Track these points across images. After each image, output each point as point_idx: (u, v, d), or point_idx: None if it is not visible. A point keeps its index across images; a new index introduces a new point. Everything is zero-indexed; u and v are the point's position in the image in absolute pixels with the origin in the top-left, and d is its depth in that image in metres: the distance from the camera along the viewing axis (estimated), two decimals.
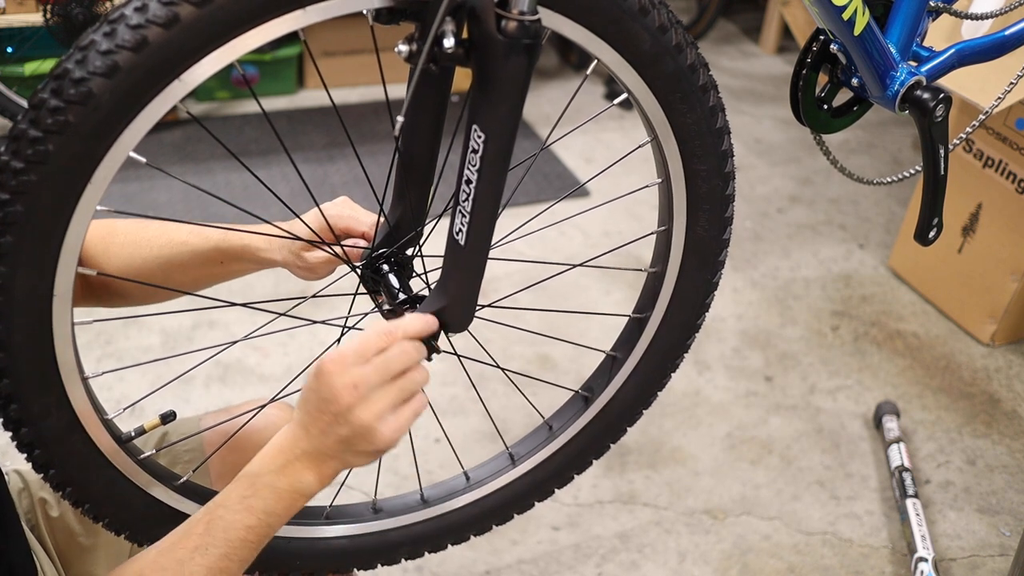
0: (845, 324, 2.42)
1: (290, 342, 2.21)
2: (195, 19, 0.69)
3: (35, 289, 0.75)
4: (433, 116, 0.89)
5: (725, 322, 2.39)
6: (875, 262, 2.66)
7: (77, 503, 0.90)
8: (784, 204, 2.93)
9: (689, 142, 0.94)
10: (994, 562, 1.81)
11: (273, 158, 2.91)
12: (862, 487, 1.96)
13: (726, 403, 2.15)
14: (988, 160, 2.26)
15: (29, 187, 0.71)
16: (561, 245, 2.62)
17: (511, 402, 2.03)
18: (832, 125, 1.30)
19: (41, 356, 0.79)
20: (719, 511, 1.89)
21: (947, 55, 1.25)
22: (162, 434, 1.16)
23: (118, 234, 1.05)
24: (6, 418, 0.81)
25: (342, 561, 1.08)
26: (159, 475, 0.95)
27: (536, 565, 1.76)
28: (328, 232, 1.03)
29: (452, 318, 0.91)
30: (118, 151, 0.73)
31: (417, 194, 0.94)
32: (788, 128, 3.35)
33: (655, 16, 0.84)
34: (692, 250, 1.02)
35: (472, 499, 1.12)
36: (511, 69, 0.76)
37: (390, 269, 0.97)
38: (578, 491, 1.90)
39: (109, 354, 2.15)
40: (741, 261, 2.63)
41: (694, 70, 0.89)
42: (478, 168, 0.81)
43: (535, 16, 0.74)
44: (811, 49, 1.22)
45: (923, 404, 2.17)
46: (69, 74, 0.69)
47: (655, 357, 1.09)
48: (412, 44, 0.77)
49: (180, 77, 0.71)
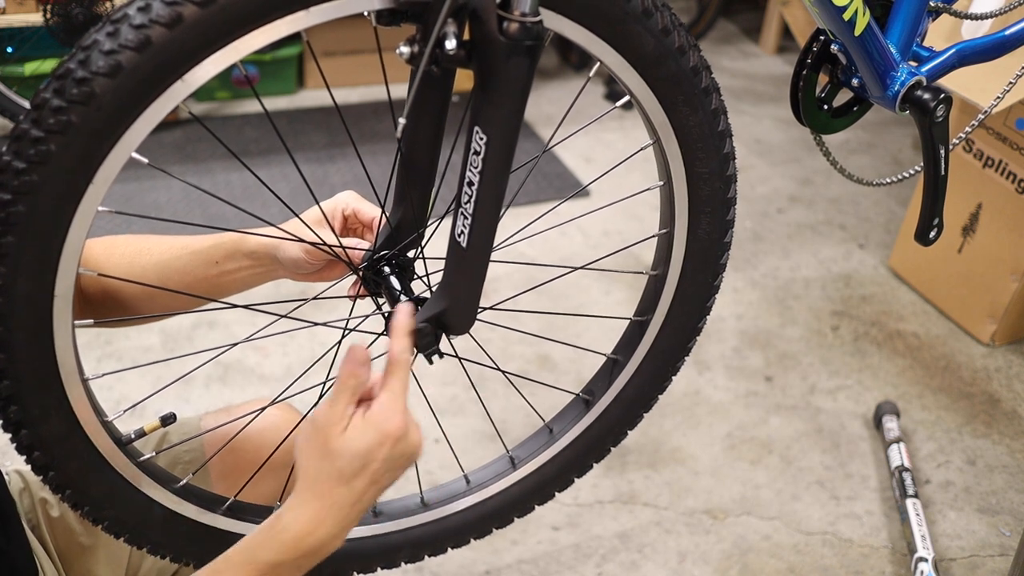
0: (845, 324, 2.42)
1: (290, 342, 2.21)
2: (198, 19, 0.69)
3: (36, 290, 0.75)
4: (435, 117, 0.88)
5: (725, 322, 2.39)
6: (875, 262, 2.66)
7: (76, 505, 0.89)
8: (784, 204, 2.93)
9: (691, 145, 0.93)
10: (994, 562, 1.81)
11: (273, 158, 2.91)
12: (862, 487, 1.96)
13: (726, 403, 2.15)
14: (988, 160, 2.26)
15: (31, 187, 0.70)
16: (561, 245, 2.62)
17: (511, 403, 2.03)
18: (832, 125, 1.30)
19: (41, 357, 0.79)
20: (719, 511, 1.89)
21: (947, 55, 1.25)
22: (162, 435, 1.16)
23: (119, 245, 1.05)
24: (6, 420, 0.81)
25: (341, 564, 1.08)
26: (159, 477, 0.95)
27: (536, 565, 1.76)
28: (336, 221, 1.02)
29: (453, 320, 0.91)
30: (120, 151, 0.72)
31: (419, 196, 0.94)
32: (788, 128, 3.35)
33: (658, 18, 0.84)
34: (694, 253, 1.01)
35: (472, 502, 1.12)
36: (513, 70, 0.76)
37: (392, 271, 0.97)
38: (578, 491, 1.90)
39: (109, 355, 2.14)
40: (741, 261, 2.63)
41: (696, 72, 0.89)
42: (480, 170, 0.81)
43: (537, 17, 0.74)
44: (811, 49, 1.22)
45: (923, 404, 2.17)
46: (72, 74, 0.69)
47: (656, 360, 1.09)
48: (414, 46, 0.77)
49: (183, 77, 0.71)
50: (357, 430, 0.81)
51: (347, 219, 1.05)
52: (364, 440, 0.81)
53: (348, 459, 0.81)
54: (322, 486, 0.82)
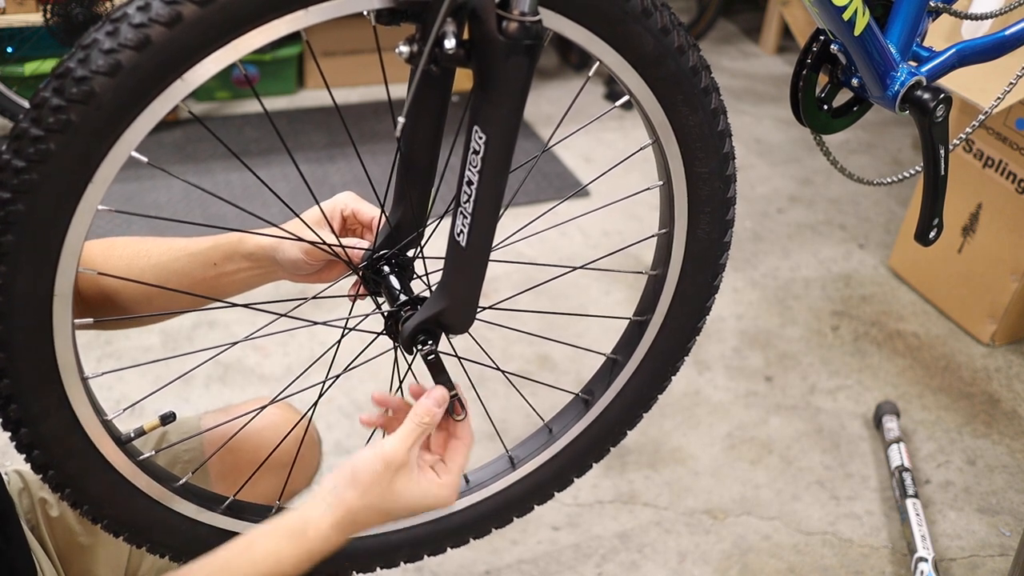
0: (845, 324, 2.42)
1: (290, 342, 2.21)
2: (198, 18, 0.69)
3: (35, 289, 0.75)
4: (434, 117, 0.89)
5: (725, 322, 2.39)
6: (875, 262, 2.66)
7: (76, 504, 0.90)
8: (784, 204, 2.93)
9: (691, 145, 0.93)
10: (994, 562, 1.81)
11: (273, 158, 2.91)
12: (862, 487, 1.96)
13: (726, 403, 2.15)
14: (988, 160, 2.26)
15: (31, 186, 0.70)
16: (561, 245, 2.62)
17: (510, 403, 2.03)
18: (832, 125, 1.30)
19: (41, 356, 0.79)
20: (719, 511, 1.89)
21: (947, 55, 1.25)
22: (162, 434, 1.16)
23: (117, 247, 1.05)
24: (5, 419, 0.81)
25: (341, 563, 1.08)
26: (159, 476, 0.95)
27: (536, 565, 1.76)
28: (335, 221, 1.03)
29: (453, 320, 0.91)
30: (120, 150, 0.72)
31: (418, 195, 0.94)
32: (788, 128, 3.35)
33: (657, 18, 0.84)
34: (693, 253, 1.01)
35: (472, 502, 1.12)
36: (512, 70, 0.76)
37: (391, 271, 0.97)
38: (578, 491, 1.90)
39: (109, 354, 2.14)
40: (741, 261, 2.63)
41: (696, 72, 0.89)
42: (479, 169, 0.81)
43: (536, 17, 0.74)
44: (811, 49, 1.22)
45: (923, 404, 2.17)
46: (71, 73, 0.69)
47: (656, 360, 1.09)
48: (413, 45, 0.77)
49: (182, 76, 0.71)
50: (420, 489, 0.89)
51: (346, 219, 1.05)
52: (421, 501, 0.89)
53: (400, 507, 0.89)
54: (366, 517, 0.88)
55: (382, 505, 0.87)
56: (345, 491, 0.87)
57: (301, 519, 0.87)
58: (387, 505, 0.88)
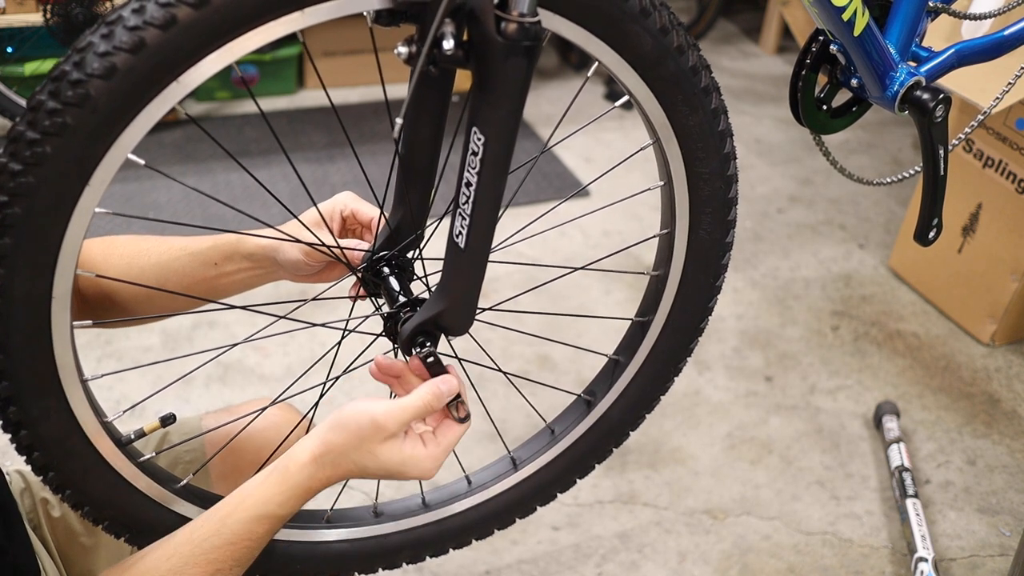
0: (845, 324, 2.41)
1: (290, 342, 2.21)
2: (193, 21, 0.69)
3: (34, 291, 0.75)
4: (434, 118, 0.88)
5: (725, 322, 2.39)
6: (875, 262, 2.66)
7: (77, 506, 0.89)
8: (784, 204, 2.93)
9: (691, 145, 0.93)
10: (994, 562, 1.80)
11: (274, 158, 2.91)
12: (862, 487, 1.96)
13: (726, 403, 2.15)
14: (988, 160, 2.25)
15: (27, 189, 0.70)
16: (561, 245, 2.62)
17: (511, 403, 2.03)
18: (831, 125, 1.30)
19: (40, 358, 0.79)
20: (719, 511, 1.89)
21: (946, 55, 1.25)
22: (163, 435, 1.16)
23: (117, 246, 1.05)
24: (5, 420, 0.81)
25: (342, 565, 1.08)
26: (159, 478, 0.94)
27: (536, 565, 1.76)
28: (334, 222, 1.03)
29: (452, 321, 0.91)
30: (116, 153, 0.72)
31: (417, 196, 0.94)
32: (788, 128, 3.35)
33: (656, 18, 0.84)
34: (695, 253, 1.01)
35: (473, 503, 1.12)
36: (511, 71, 0.76)
37: (391, 272, 0.97)
38: (578, 491, 1.90)
39: (109, 355, 2.14)
40: (741, 261, 2.63)
41: (696, 72, 0.89)
42: (478, 170, 0.80)
43: (535, 18, 0.74)
44: (811, 49, 1.22)
45: (923, 404, 2.17)
46: (67, 76, 0.69)
47: (658, 361, 1.09)
48: (411, 46, 0.76)
49: (178, 79, 0.71)
50: (401, 455, 0.89)
51: (346, 220, 1.04)
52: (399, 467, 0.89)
53: (376, 466, 0.88)
54: (347, 466, 0.88)
55: (359, 458, 0.88)
56: (328, 432, 0.88)
57: (285, 458, 0.89)
58: (363, 460, 0.88)
